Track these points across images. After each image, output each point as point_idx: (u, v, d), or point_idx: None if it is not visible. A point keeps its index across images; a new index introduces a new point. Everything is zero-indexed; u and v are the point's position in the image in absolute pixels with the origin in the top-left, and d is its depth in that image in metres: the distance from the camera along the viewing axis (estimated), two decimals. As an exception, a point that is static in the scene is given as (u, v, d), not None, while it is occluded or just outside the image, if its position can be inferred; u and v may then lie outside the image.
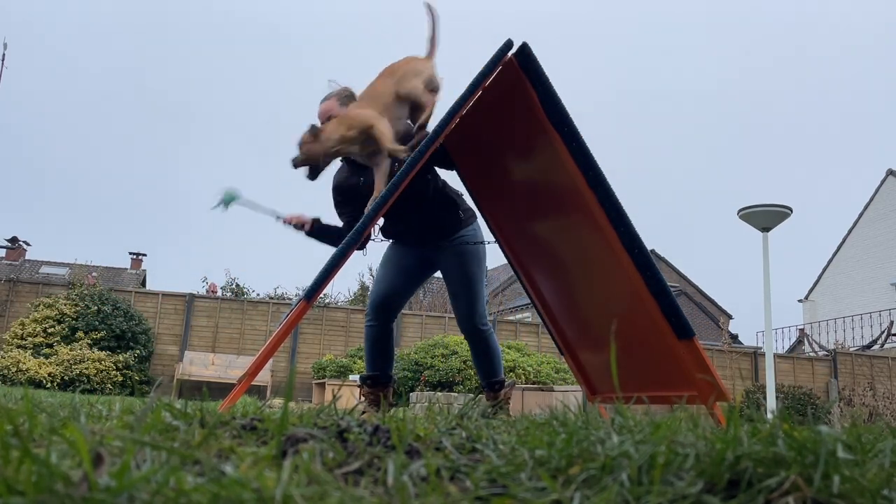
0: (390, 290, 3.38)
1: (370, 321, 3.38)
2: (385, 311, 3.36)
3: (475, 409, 1.31)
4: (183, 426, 0.95)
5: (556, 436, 0.91)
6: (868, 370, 15.25)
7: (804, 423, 0.98)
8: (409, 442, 0.90)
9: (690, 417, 1.02)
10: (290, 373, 0.83)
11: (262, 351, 2.60)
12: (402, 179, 2.67)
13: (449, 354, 10.52)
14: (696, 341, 2.65)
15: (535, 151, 3.00)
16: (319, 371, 11.51)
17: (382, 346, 3.38)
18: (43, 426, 0.89)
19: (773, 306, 6.98)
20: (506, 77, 2.76)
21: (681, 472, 0.77)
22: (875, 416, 12.91)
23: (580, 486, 0.76)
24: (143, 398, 8.06)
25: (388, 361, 3.39)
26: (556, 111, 2.68)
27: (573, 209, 2.90)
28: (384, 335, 3.38)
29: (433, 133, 2.70)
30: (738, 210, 7.03)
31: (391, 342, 3.42)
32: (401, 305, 3.44)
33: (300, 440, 0.87)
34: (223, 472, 0.70)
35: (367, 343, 3.39)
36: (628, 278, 2.69)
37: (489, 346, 3.38)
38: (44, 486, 0.59)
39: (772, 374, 7.01)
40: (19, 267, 26.08)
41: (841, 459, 0.76)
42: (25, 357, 9.88)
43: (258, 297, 15.06)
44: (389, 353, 3.40)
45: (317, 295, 2.65)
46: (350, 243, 2.64)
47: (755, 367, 14.49)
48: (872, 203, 24.77)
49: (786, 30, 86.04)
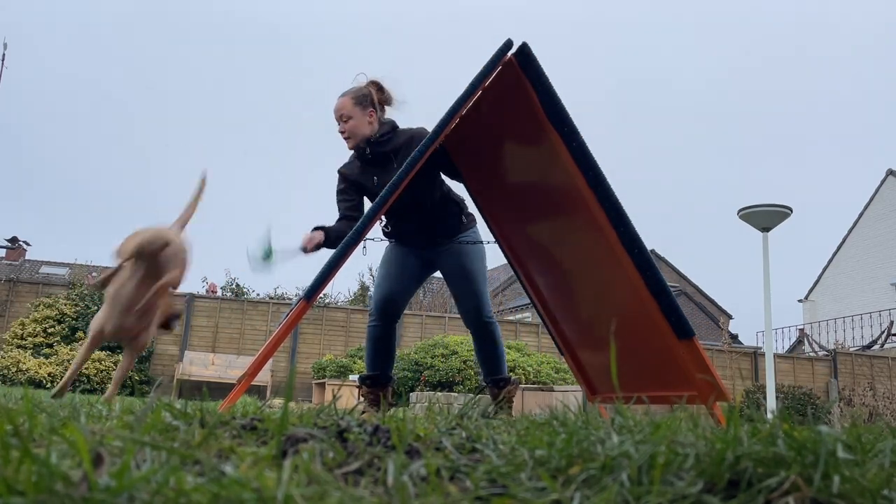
0: (395, 290, 3.38)
1: (374, 321, 3.37)
2: (390, 311, 3.37)
3: (475, 409, 1.31)
4: (183, 426, 0.95)
5: (556, 436, 0.91)
6: (868, 370, 15.25)
7: (804, 423, 0.98)
8: (409, 442, 0.90)
9: (690, 417, 1.02)
10: (290, 373, 0.83)
11: (261, 351, 2.60)
12: (402, 179, 2.68)
13: (449, 354, 10.52)
14: (696, 341, 2.65)
15: (535, 151, 3.00)
16: (319, 371, 11.51)
17: (385, 346, 3.39)
18: (43, 426, 0.89)
19: (773, 306, 6.98)
20: (505, 77, 2.76)
21: (681, 472, 0.77)
22: (875, 416, 12.91)
23: (580, 486, 0.76)
24: (143, 398, 8.06)
25: (388, 362, 3.40)
26: (555, 111, 2.68)
27: (573, 209, 2.90)
28: (387, 335, 3.39)
29: (433, 133, 2.71)
30: (738, 210, 7.03)
31: (393, 343, 3.43)
32: (404, 305, 3.45)
33: (300, 440, 0.87)
34: (223, 472, 0.70)
35: (370, 343, 3.39)
36: (628, 278, 2.69)
37: (495, 340, 3.40)
38: (44, 486, 0.59)
39: (772, 374, 7.01)
40: (19, 267, 26.08)
41: (841, 459, 0.76)
42: (25, 357, 9.89)
43: (258, 297, 15.05)
44: (391, 353, 3.41)
45: (317, 295, 2.65)
46: (349, 243, 2.65)
47: (755, 367, 14.49)
48: (872, 203, 24.76)
49: (786, 29, 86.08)
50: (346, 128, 3.29)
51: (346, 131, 3.29)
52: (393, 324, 3.39)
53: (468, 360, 10.41)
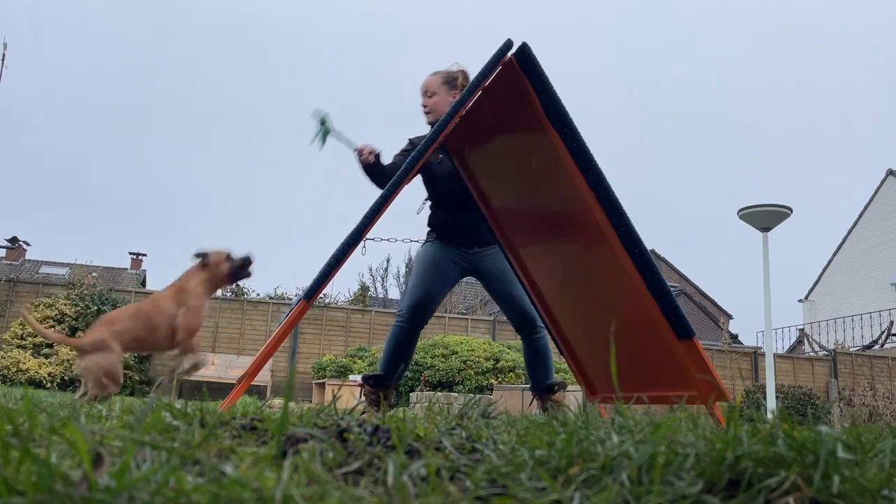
0: (430, 292, 3.39)
1: (403, 322, 3.35)
2: (422, 313, 3.37)
3: (475, 409, 1.31)
4: (183, 426, 0.95)
5: (556, 436, 0.91)
6: (868, 370, 15.25)
7: (804, 423, 0.98)
8: (409, 442, 0.90)
9: (690, 417, 1.02)
10: (290, 373, 0.83)
11: (261, 351, 2.60)
12: (402, 179, 2.68)
13: (449, 354, 10.52)
14: (696, 341, 2.65)
15: (535, 151, 3.00)
16: (319, 371, 11.51)
17: (405, 349, 3.37)
18: (43, 426, 0.89)
19: (773, 306, 6.98)
20: (505, 77, 2.76)
21: (681, 472, 0.77)
22: (875, 416, 12.91)
23: (580, 486, 0.76)
24: (143, 398, 8.06)
25: (402, 366, 3.37)
26: (555, 111, 2.68)
27: (573, 209, 2.90)
28: (411, 339, 3.38)
29: (433, 132, 2.71)
30: (738, 210, 7.03)
31: (413, 347, 3.42)
32: (435, 309, 3.46)
33: (300, 440, 0.87)
34: (223, 472, 0.70)
35: (392, 342, 3.35)
36: (628, 278, 2.69)
37: (546, 346, 3.45)
38: (44, 486, 0.59)
39: (772, 374, 7.01)
40: (19, 267, 26.09)
41: (841, 459, 0.76)
42: (25, 357, 9.89)
43: (258, 297, 15.04)
44: (408, 358, 3.39)
45: (317, 295, 2.65)
46: (349, 243, 2.64)
47: (755, 367, 14.49)
48: (872, 203, 24.77)
49: (786, 29, 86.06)
50: (430, 103, 3.48)
51: (429, 106, 3.48)
52: (420, 328, 3.39)
53: (468, 360, 10.41)
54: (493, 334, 13.25)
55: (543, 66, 2.70)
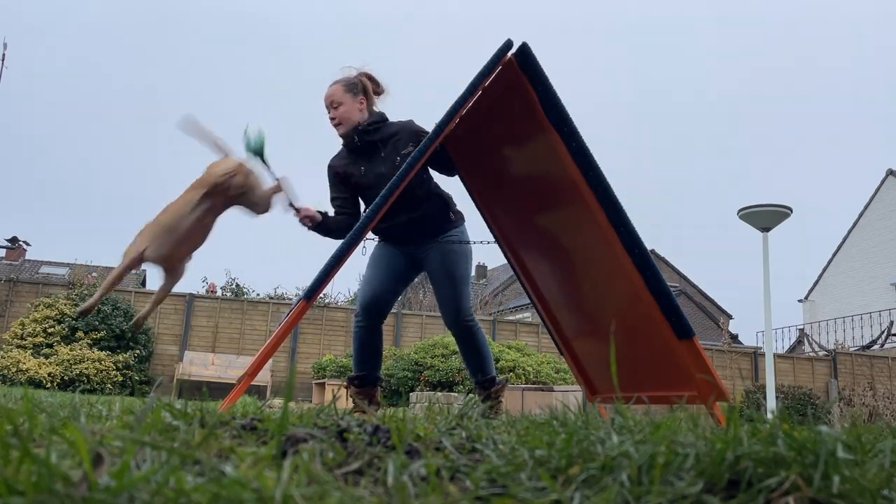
0: (381, 290, 3.37)
1: (361, 322, 3.36)
2: (376, 311, 3.36)
3: (475, 409, 1.31)
4: (183, 426, 0.95)
5: (556, 436, 0.91)
6: (868, 370, 15.25)
7: (804, 423, 0.98)
8: (409, 442, 0.90)
9: (690, 417, 1.02)
10: (290, 373, 0.83)
11: (261, 351, 2.60)
12: (401, 179, 2.68)
13: (449, 354, 10.52)
14: (696, 341, 2.65)
15: (535, 151, 3.00)
16: (319, 371, 11.51)
17: (372, 346, 3.38)
18: (43, 426, 0.89)
19: (773, 306, 6.98)
20: (505, 77, 2.76)
21: (681, 472, 0.77)
22: (875, 416, 12.91)
23: (580, 486, 0.76)
24: (143, 398, 8.05)
25: (376, 362, 3.39)
26: (555, 111, 2.68)
27: (573, 209, 2.90)
28: (374, 336, 3.38)
29: (433, 133, 2.71)
30: (738, 210, 7.03)
31: (380, 343, 3.42)
32: (391, 305, 3.44)
33: (300, 440, 0.87)
34: (223, 472, 0.70)
35: (357, 343, 3.38)
36: (628, 278, 2.69)
37: (477, 339, 3.38)
38: (44, 486, 0.59)
39: (772, 374, 7.01)
40: (19, 267, 26.07)
41: (841, 459, 0.76)
42: (25, 357, 9.88)
43: (258, 297, 15.05)
44: (378, 353, 3.40)
45: (317, 295, 2.65)
46: (349, 243, 2.65)
47: (755, 367, 14.49)
48: (872, 203, 24.76)
49: (786, 30, 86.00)
50: (337, 114, 3.31)
51: (337, 118, 3.32)
52: (379, 324, 3.38)
53: (468, 360, 10.40)
54: (493, 334, 13.25)
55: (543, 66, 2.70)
